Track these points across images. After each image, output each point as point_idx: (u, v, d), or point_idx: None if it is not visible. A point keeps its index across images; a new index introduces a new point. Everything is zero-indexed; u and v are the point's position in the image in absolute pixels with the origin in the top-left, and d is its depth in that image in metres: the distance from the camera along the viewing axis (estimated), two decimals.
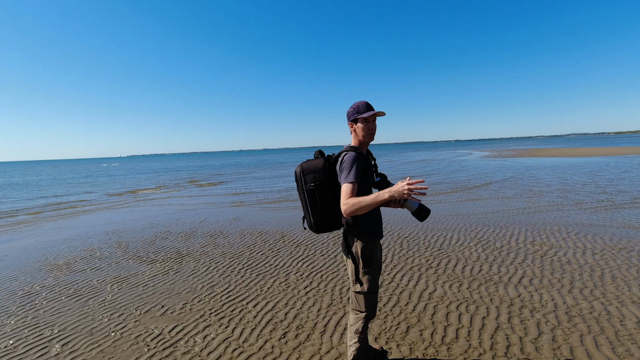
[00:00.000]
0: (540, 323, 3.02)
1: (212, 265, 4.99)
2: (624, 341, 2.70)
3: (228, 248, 5.85)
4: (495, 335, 2.87)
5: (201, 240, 6.49)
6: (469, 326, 3.02)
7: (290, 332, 3.07)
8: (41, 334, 3.25)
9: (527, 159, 26.82)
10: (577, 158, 24.53)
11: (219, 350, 2.84)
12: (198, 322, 3.34)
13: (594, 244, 5.12)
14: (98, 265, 5.21)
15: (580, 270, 4.14)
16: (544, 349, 2.65)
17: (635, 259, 4.43)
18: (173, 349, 2.88)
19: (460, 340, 2.82)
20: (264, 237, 6.50)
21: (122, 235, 7.18)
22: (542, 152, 36.32)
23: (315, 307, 3.52)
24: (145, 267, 5.05)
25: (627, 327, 2.89)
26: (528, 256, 4.72)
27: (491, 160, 27.70)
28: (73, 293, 4.18)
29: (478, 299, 3.51)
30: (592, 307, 3.26)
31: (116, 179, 27.13)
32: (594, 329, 2.89)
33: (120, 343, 3.02)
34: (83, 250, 6.17)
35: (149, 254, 5.69)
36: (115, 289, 4.24)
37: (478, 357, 2.59)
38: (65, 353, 2.91)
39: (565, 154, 30.59)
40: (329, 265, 4.72)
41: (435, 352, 2.67)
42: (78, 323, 3.42)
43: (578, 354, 2.57)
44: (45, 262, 5.51)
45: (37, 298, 4.08)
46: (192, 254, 5.60)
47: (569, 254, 4.74)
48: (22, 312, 3.71)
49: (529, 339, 2.78)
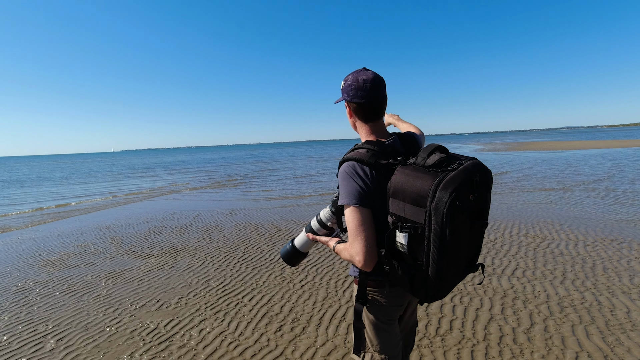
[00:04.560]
0: (533, 314, 3.06)
1: (207, 259, 4.98)
2: (614, 330, 2.75)
3: (223, 242, 5.84)
4: (488, 326, 2.91)
5: (196, 234, 6.47)
6: (462, 317, 3.06)
7: (286, 325, 3.08)
8: (35, 329, 3.23)
9: (523, 152, 26.99)
10: (574, 151, 24.74)
11: (214, 344, 2.85)
12: (194, 316, 3.34)
13: (586, 235, 5.19)
14: (92, 261, 5.18)
15: (572, 262, 4.19)
16: (536, 339, 2.69)
17: (626, 250, 4.50)
18: (169, 343, 2.89)
19: (454, 332, 2.85)
20: (259, 231, 6.50)
21: (117, 231, 7.14)
22: (537, 145, 36.58)
23: (310, 301, 3.54)
24: (140, 262, 5.03)
25: (618, 317, 2.94)
26: (521, 248, 4.77)
27: (485, 153, 27.85)
28: (67, 289, 4.16)
29: (472, 291, 3.55)
30: (583, 297, 3.31)
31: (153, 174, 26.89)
32: (585, 319, 2.94)
33: (115, 338, 3.01)
34: (77, 245, 6.13)
35: (143, 249, 5.66)
36: (110, 284, 4.22)
37: (472, 347, 2.63)
38: (60, 348, 2.90)
39: (560, 147, 30.82)
40: (324, 259, 4.74)
41: (429, 343, 2.70)
42: (73, 318, 3.41)
43: (570, 343, 2.62)
44: (39, 258, 5.47)
45: (31, 294, 4.06)
46: (187, 248, 5.59)
47: (562, 245, 4.80)
48: (16, 308, 3.69)
49: (522, 330, 2.82)
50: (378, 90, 1.30)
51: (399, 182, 1.13)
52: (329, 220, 1.42)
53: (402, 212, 1.11)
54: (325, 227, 1.44)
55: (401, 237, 1.12)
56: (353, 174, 1.22)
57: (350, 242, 1.20)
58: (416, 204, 1.07)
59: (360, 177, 1.21)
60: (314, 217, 1.48)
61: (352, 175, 1.22)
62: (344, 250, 1.26)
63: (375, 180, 1.21)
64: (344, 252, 1.26)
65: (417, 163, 1.14)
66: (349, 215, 1.20)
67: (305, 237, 1.49)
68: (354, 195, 1.19)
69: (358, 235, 1.17)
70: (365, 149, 1.26)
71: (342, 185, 1.23)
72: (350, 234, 1.20)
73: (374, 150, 1.25)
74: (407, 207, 1.10)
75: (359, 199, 1.19)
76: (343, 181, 1.23)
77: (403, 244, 1.12)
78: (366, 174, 1.21)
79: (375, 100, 1.30)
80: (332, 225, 1.43)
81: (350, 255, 1.20)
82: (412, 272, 1.13)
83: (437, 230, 1.03)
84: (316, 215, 1.48)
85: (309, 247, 1.52)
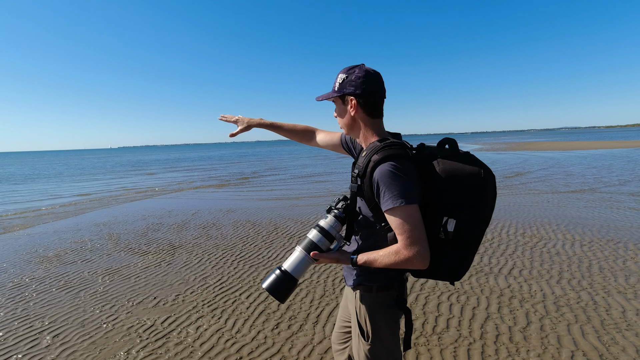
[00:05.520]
0: (529, 313, 3.07)
1: (205, 256, 4.98)
2: (610, 330, 2.77)
3: (221, 240, 5.83)
4: (485, 324, 2.92)
5: (194, 232, 6.46)
6: (459, 316, 3.07)
7: (283, 323, 3.08)
8: (31, 325, 3.22)
9: (522, 152, 27.06)
10: (573, 151, 24.83)
11: (211, 341, 2.84)
12: (191, 313, 3.33)
13: (583, 235, 5.21)
14: (89, 257, 5.16)
15: (568, 262, 4.21)
16: (532, 338, 2.71)
17: (622, 250, 4.52)
18: (166, 340, 2.88)
19: (451, 330, 2.86)
20: (256, 228, 6.49)
21: (114, 227, 7.12)
22: (535, 145, 36.68)
23: (307, 298, 3.54)
24: (137, 258, 5.01)
25: (613, 316, 2.96)
26: (518, 248, 4.79)
27: (483, 153, 27.90)
28: (64, 285, 4.15)
29: (469, 290, 3.56)
30: (579, 297, 3.33)
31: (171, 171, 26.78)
32: (581, 318, 2.96)
33: (112, 334, 3.00)
34: (73, 242, 6.10)
35: (140, 246, 5.65)
36: (106, 281, 4.21)
37: (468, 346, 2.64)
38: (57, 345, 2.89)
39: (559, 147, 30.92)
40: None
41: (426, 341, 2.71)
42: (69, 315, 3.40)
43: (565, 342, 2.63)
44: (35, 254, 5.44)
45: (27, 290, 4.04)
46: (184, 245, 5.58)
47: (558, 245, 4.82)
48: (12, 304, 3.67)
49: (518, 329, 2.84)
50: (383, 85, 1.29)
51: (450, 171, 1.16)
52: (335, 230, 1.25)
53: (456, 199, 1.16)
54: (330, 237, 1.25)
55: (450, 225, 1.16)
56: (401, 172, 1.15)
57: (407, 243, 1.13)
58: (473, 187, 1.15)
59: (408, 174, 1.16)
60: (312, 230, 1.26)
61: (401, 174, 1.15)
62: (387, 256, 1.17)
63: (417, 176, 1.20)
64: (389, 258, 1.17)
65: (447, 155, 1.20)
66: (405, 216, 1.13)
67: (303, 257, 1.23)
68: (407, 193, 1.13)
69: (419, 235, 1.13)
70: (398, 145, 1.21)
71: (392, 185, 1.14)
72: (408, 234, 1.13)
73: (406, 146, 1.24)
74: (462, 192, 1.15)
75: (412, 196, 1.14)
76: (392, 181, 1.14)
77: (449, 232, 1.16)
78: (412, 170, 1.18)
79: (384, 94, 1.29)
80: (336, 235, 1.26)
81: (407, 257, 1.14)
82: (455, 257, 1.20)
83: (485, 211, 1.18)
84: (314, 227, 1.26)
85: (305, 270, 1.24)
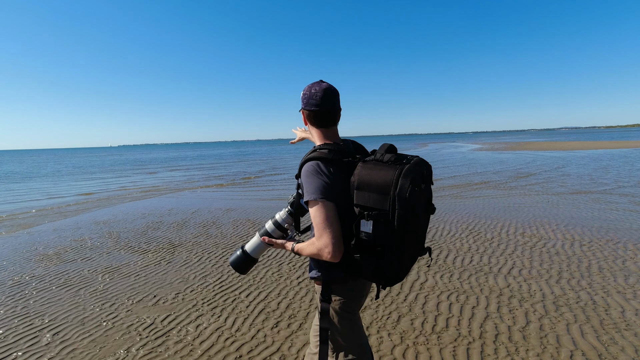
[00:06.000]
0: (529, 312, 3.08)
1: (204, 255, 4.98)
2: (609, 329, 2.78)
3: (221, 238, 5.84)
4: (484, 324, 2.92)
5: (194, 230, 6.46)
6: (459, 315, 3.07)
7: (283, 322, 3.09)
8: (31, 323, 3.22)
9: (522, 152, 27.06)
10: (574, 151, 24.83)
11: (211, 340, 2.85)
12: (190, 311, 3.34)
13: (582, 236, 5.22)
14: (89, 255, 5.17)
15: (568, 262, 4.22)
16: (532, 337, 2.71)
17: (622, 250, 4.53)
18: (165, 338, 2.89)
19: (450, 329, 2.86)
20: (256, 227, 6.49)
21: (113, 226, 7.12)
22: (536, 145, 36.67)
23: (307, 297, 3.54)
24: (137, 257, 5.02)
25: (612, 316, 2.96)
26: (518, 247, 4.80)
27: (483, 153, 27.90)
28: (64, 283, 4.15)
29: (468, 289, 3.57)
30: (578, 297, 3.33)
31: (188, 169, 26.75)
32: (580, 318, 2.96)
33: (112, 332, 3.01)
34: (73, 240, 6.11)
35: (140, 244, 5.65)
36: (106, 279, 4.21)
37: (467, 345, 2.64)
38: (56, 342, 2.89)
39: (558, 147, 30.92)
40: None
41: (425, 341, 2.71)
42: (69, 313, 3.40)
43: (564, 342, 2.64)
44: (35, 252, 5.45)
45: (27, 288, 4.04)
46: (184, 244, 5.58)
47: (558, 245, 4.82)
48: (12, 302, 3.68)
49: (517, 328, 2.84)
50: (329, 100, 1.40)
51: (363, 175, 1.23)
52: (285, 222, 1.44)
53: (367, 202, 1.21)
54: (281, 228, 1.45)
55: (366, 226, 1.20)
56: (317, 171, 1.29)
57: (317, 235, 1.25)
58: (380, 192, 1.17)
59: (324, 173, 1.29)
60: (269, 220, 1.48)
61: (317, 172, 1.29)
62: (308, 246, 1.31)
63: (337, 177, 1.30)
64: (308, 248, 1.30)
65: (376, 159, 1.26)
66: (316, 210, 1.25)
67: (259, 241, 1.47)
68: (320, 190, 1.26)
69: (326, 227, 1.23)
70: (326, 149, 1.35)
71: (307, 183, 1.29)
72: (318, 227, 1.25)
73: (334, 150, 1.35)
74: (372, 196, 1.19)
75: (325, 193, 1.25)
76: (308, 179, 1.29)
77: (368, 233, 1.20)
78: (330, 170, 1.30)
79: (325, 108, 1.40)
80: (287, 226, 1.45)
81: (318, 248, 1.25)
82: (375, 260, 1.22)
83: (400, 214, 1.14)
84: (271, 218, 1.48)
85: (262, 252, 1.50)
